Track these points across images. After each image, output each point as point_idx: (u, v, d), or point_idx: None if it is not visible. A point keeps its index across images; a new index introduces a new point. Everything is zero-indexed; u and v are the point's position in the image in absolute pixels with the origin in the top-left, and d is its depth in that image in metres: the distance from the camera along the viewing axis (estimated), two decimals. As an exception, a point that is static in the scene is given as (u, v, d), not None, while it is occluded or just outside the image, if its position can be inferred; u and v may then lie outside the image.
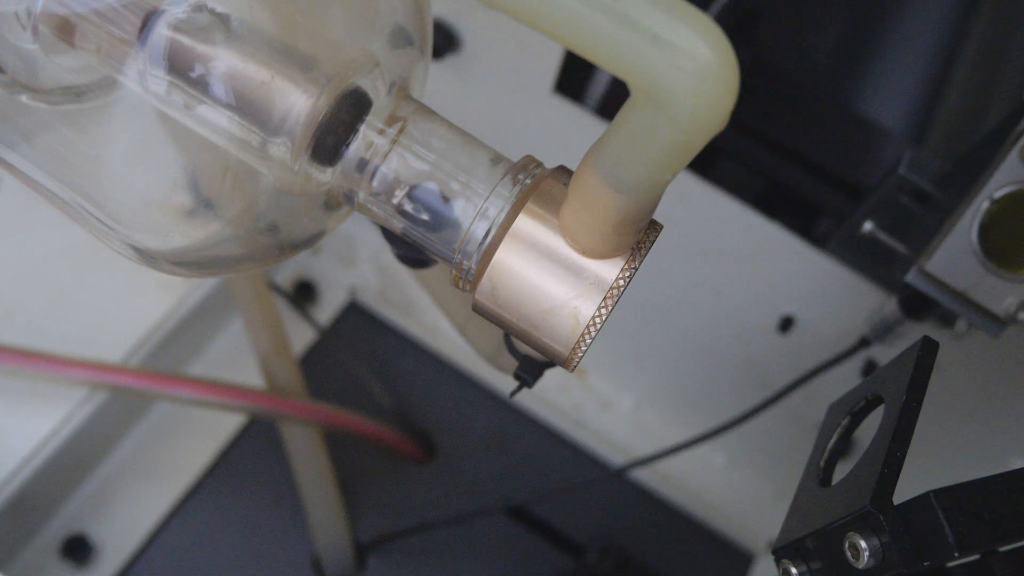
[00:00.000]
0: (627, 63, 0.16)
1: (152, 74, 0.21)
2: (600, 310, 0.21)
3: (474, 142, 0.22)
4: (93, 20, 0.21)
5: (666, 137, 0.17)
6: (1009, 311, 0.30)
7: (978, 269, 0.29)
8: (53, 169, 0.23)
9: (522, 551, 0.58)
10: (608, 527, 0.59)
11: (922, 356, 0.24)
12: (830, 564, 0.22)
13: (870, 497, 0.21)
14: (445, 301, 0.34)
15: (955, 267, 0.30)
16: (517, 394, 0.30)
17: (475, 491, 0.60)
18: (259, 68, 0.20)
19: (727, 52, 0.16)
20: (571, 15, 0.15)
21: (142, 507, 0.55)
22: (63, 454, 0.51)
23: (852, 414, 0.26)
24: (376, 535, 0.56)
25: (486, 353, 0.34)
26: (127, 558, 0.54)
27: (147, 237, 0.23)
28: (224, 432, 0.58)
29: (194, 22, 0.20)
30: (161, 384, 0.49)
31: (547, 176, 0.22)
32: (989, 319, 0.30)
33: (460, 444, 0.61)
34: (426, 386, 0.63)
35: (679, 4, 0.15)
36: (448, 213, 0.22)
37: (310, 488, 0.53)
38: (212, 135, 0.21)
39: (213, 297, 0.59)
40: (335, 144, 0.21)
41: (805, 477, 0.26)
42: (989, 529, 0.20)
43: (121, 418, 0.56)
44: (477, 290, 0.22)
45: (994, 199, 0.29)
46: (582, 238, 0.21)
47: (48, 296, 0.55)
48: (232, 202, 0.23)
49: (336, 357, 0.62)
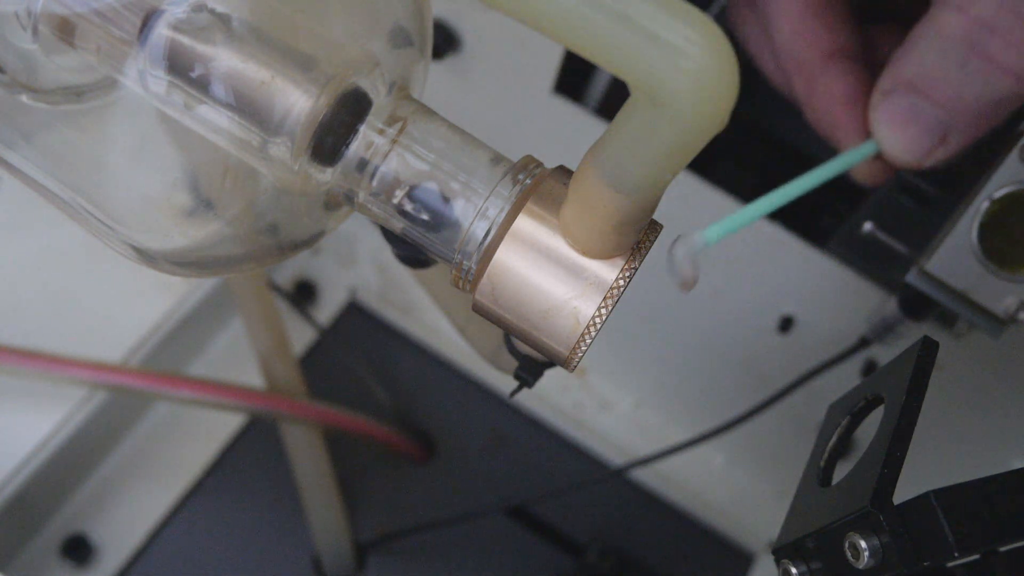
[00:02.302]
0: (627, 63, 0.16)
1: (152, 74, 0.21)
2: (600, 310, 0.21)
3: (474, 142, 0.22)
4: (93, 20, 0.21)
5: (666, 137, 0.17)
6: (1009, 311, 0.30)
7: (978, 269, 0.29)
8: (53, 169, 0.23)
9: (522, 551, 0.58)
10: (608, 527, 0.59)
11: (922, 356, 0.24)
12: (830, 564, 0.22)
13: (870, 497, 0.21)
14: (445, 301, 0.34)
15: (955, 267, 0.30)
16: (517, 394, 0.30)
17: (475, 491, 0.60)
18: (259, 68, 0.20)
19: (727, 52, 0.16)
20: (571, 15, 0.15)
21: (142, 507, 0.55)
22: (63, 454, 0.51)
23: (852, 414, 0.26)
24: (376, 535, 0.56)
25: (486, 353, 0.34)
26: (127, 558, 0.54)
27: (147, 237, 0.23)
28: (224, 432, 0.58)
29: (194, 22, 0.20)
30: (161, 384, 0.49)
31: (547, 176, 0.22)
32: (989, 319, 0.30)
33: (460, 444, 0.61)
34: (426, 386, 0.63)
35: (679, 4, 0.15)
36: (448, 213, 0.22)
37: (310, 488, 0.53)
38: (212, 135, 0.21)
39: (213, 297, 0.59)
40: (335, 144, 0.21)
41: (805, 477, 0.26)
42: (989, 529, 0.20)
43: (121, 418, 0.56)
44: (477, 290, 0.22)
45: (994, 199, 0.29)
46: (582, 238, 0.21)
47: (48, 296, 0.55)
48: (232, 202, 0.23)
49: (336, 357, 0.62)
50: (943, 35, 0.26)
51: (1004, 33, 0.25)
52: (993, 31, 0.25)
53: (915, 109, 0.27)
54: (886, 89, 0.28)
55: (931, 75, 0.27)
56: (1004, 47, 0.25)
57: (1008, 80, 0.26)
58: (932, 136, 0.28)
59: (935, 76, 0.27)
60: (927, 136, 0.28)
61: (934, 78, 0.27)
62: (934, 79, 0.27)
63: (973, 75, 0.26)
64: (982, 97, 0.26)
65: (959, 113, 0.27)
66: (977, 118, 0.27)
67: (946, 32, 0.26)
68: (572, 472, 0.61)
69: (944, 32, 0.26)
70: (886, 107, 0.28)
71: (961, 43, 0.26)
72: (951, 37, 0.26)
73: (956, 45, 0.26)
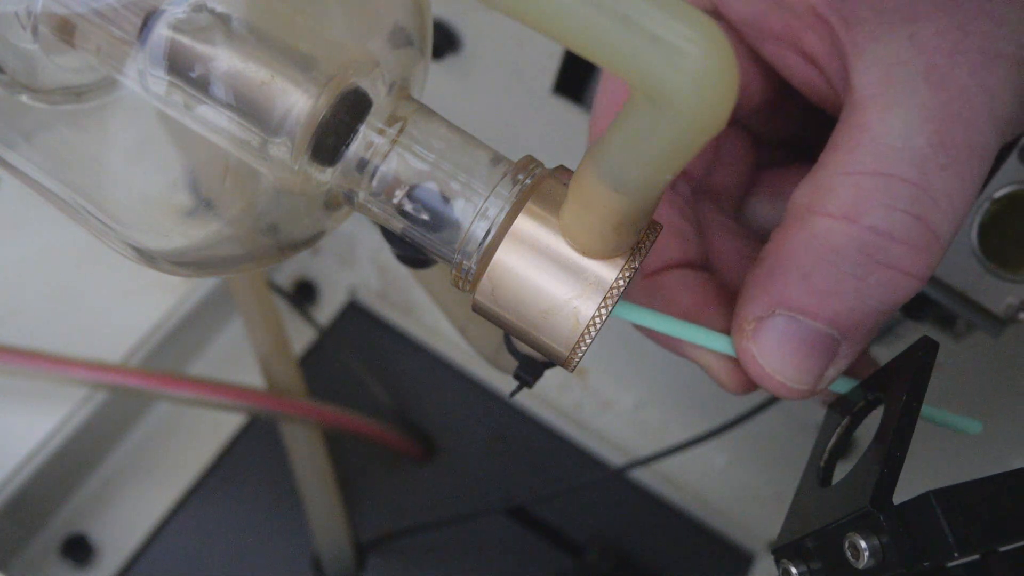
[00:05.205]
0: (627, 63, 0.16)
1: (152, 74, 0.21)
2: (600, 310, 0.21)
3: (474, 142, 0.22)
4: (93, 20, 0.21)
5: (666, 137, 0.17)
6: (1009, 311, 0.30)
7: (978, 269, 0.29)
8: (53, 169, 0.23)
9: (522, 551, 0.58)
10: (608, 527, 0.59)
11: (922, 356, 0.24)
12: (830, 564, 0.22)
13: (870, 497, 0.21)
14: (445, 301, 0.34)
15: (955, 267, 0.30)
16: (517, 394, 0.30)
17: (475, 491, 0.60)
18: (259, 68, 0.20)
19: (727, 52, 0.16)
20: (571, 15, 0.15)
21: (142, 507, 0.55)
22: (63, 454, 0.51)
23: (852, 414, 0.26)
24: (376, 535, 0.56)
25: (486, 353, 0.34)
26: (127, 558, 0.54)
27: (147, 237, 0.23)
28: (224, 432, 0.58)
29: (194, 22, 0.20)
30: (161, 384, 0.49)
31: (547, 176, 0.22)
32: (989, 319, 0.30)
33: (460, 444, 0.61)
34: (426, 386, 0.63)
35: (679, 4, 0.15)
36: (448, 213, 0.22)
37: (310, 488, 0.53)
38: (212, 135, 0.21)
39: (213, 297, 0.59)
40: (335, 144, 0.21)
41: (805, 477, 0.26)
42: (989, 529, 0.20)
43: (121, 418, 0.56)
44: (477, 290, 0.22)
45: (994, 199, 0.29)
46: (582, 238, 0.21)
47: (48, 296, 0.55)
48: (232, 202, 0.23)
49: (336, 357, 0.62)
50: (831, 248, 0.23)
51: (906, 238, 0.23)
52: (894, 239, 0.23)
53: (803, 333, 0.24)
54: (761, 315, 0.24)
55: (819, 291, 0.23)
56: (910, 253, 0.23)
57: (913, 283, 0.23)
58: (824, 357, 0.24)
59: (824, 292, 0.23)
60: (817, 359, 0.24)
61: (823, 294, 0.23)
62: (823, 296, 0.23)
63: (874, 287, 0.23)
64: (883, 305, 0.23)
65: (854, 326, 0.24)
66: (874, 327, 0.24)
67: (835, 244, 0.23)
68: (572, 472, 0.61)
69: (832, 244, 0.23)
70: (764, 334, 0.24)
71: (858, 255, 0.23)
72: (843, 249, 0.23)
73: (851, 257, 0.23)
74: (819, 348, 0.24)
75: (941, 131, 0.22)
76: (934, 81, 0.22)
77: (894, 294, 0.23)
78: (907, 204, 0.22)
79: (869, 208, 0.23)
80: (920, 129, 0.22)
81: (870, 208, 0.23)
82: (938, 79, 0.23)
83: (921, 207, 0.22)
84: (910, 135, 0.22)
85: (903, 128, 0.23)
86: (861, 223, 0.23)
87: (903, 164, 0.22)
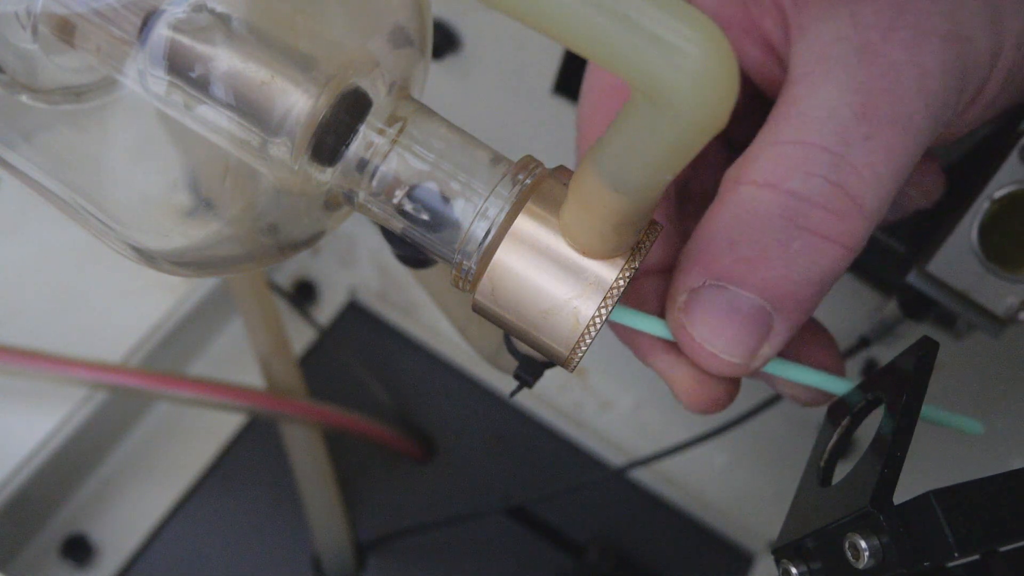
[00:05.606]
0: (627, 63, 0.16)
1: (152, 74, 0.21)
2: (600, 310, 0.21)
3: (474, 142, 0.22)
4: (93, 20, 0.21)
5: (666, 137, 0.17)
6: (1009, 311, 0.30)
7: (978, 269, 0.29)
8: (53, 169, 0.23)
9: (522, 551, 0.58)
10: (608, 527, 0.59)
11: (922, 356, 0.24)
12: (830, 564, 0.22)
13: (870, 497, 0.21)
14: (445, 301, 0.34)
15: (955, 267, 0.30)
16: (517, 394, 0.30)
17: (475, 491, 0.60)
18: (259, 68, 0.20)
19: (727, 52, 0.16)
20: (570, 15, 0.15)
21: (142, 507, 0.55)
22: (63, 454, 0.51)
23: (852, 414, 0.26)
24: (376, 535, 0.56)
25: (486, 353, 0.34)
26: (127, 558, 0.54)
27: (147, 237, 0.23)
28: (224, 432, 0.58)
29: (194, 22, 0.20)
30: (161, 384, 0.49)
31: (547, 176, 0.22)
32: (989, 319, 0.30)
33: (460, 444, 0.61)
34: (426, 386, 0.63)
35: (679, 4, 0.15)
36: (448, 213, 0.22)
37: (310, 488, 0.53)
38: (212, 135, 0.21)
39: (213, 297, 0.59)
40: (335, 144, 0.21)
41: (805, 477, 0.26)
42: (989, 529, 0.20)
43: (121, 418, 0.56)
44: (477, 290, 0.22)
45: (994, 199, 0.29)
46: (582, 238, 0.21)
47: (48, 296, 0.55)
48: (232, 202, 0.23)
49: (336, 357, 0.62)
50: (755, 214, 0.23)
51: (825, 203, 0.22)
52: (813, 203, 0.22)
53: (733, 303, 0.23)
54: (694, 286, 0.24)
55: (745, 258, 0.23)
56: (830, 219, 0.23)
57: (838, 251, 0.23)
58: (757, 331, 0.24)
59: (751, 259, 0.23)
60: (750, 331, 0.24)
61: (750, 262, 0.23)
62: (750, 263, 0.23)
63: (798, 253, 0.23)
64: (811, 275, 0.23)
65: (784, 297, 0.23)
66: (806, 299, 0.24)
67: (758, 211, 0.23)
68: (572, 472, 0.61)
69: (756, 211, 0.23)
70: (695, 305, 0.24)
71: (780, 219, 0.23)
72: (766, 215, 0.23)
73: (774, 223, 0.23)
74: (750, 319, 0.24)
75: (867, 103, 0.22)
76: (866, 57, 0.23)
77: (820, 262, 0.23)
78: (826, 171, 0.22)
79: (789, 174, 0.23)
80: (846, 101, 0.23)
81: (790, 174, 0.23)
82: (870, 55, 0.23)
83: (840, 174, 0.22)
84: (835, 106, 0.23)
85: (829, 100, 0.23)
86: (781, 188, 0.23)
87: (824, 133, 0.23)
